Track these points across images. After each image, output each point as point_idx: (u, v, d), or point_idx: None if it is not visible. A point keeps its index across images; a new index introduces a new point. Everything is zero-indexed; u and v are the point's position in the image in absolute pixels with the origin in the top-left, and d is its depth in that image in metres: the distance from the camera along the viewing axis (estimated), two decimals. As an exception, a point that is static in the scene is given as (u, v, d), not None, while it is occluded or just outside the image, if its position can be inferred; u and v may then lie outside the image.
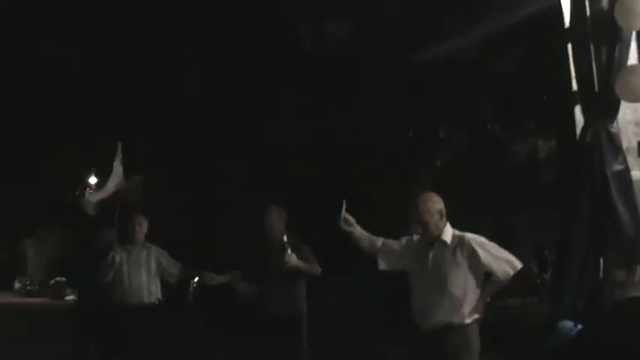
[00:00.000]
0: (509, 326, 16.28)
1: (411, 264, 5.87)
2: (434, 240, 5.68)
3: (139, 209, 8.89)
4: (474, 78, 18.02)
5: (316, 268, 7.78)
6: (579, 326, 9.68)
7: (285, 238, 7.66)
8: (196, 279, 30.06)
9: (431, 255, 5.66)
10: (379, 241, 6.00)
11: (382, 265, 6.00)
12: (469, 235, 5.66)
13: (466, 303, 5.57)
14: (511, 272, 5.62)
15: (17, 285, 59.01)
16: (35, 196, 31.55)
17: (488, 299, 5.76)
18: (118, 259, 8.38)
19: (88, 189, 35.06)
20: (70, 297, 47.72)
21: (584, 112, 6.19)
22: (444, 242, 5.64)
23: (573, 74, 6.28)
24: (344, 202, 5.86)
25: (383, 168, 19.68)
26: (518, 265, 5.65)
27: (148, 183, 9.85)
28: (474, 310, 5.62)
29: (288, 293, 7.79)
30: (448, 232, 5.67)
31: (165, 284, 8.74)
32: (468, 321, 5.58)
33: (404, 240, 6.01)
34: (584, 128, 6.18)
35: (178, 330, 12.30)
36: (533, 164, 18.38)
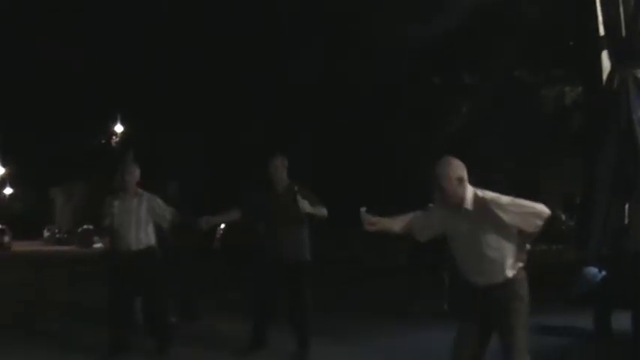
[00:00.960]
0: (536, 272, 16.39)
1: (444, 230, 5.80)
2: (456, 206, 5.56)
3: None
4: (500, 24, 17.84)
5: (323, 211, 8.21)
6: (603, 272, 9.76)
7: (296, 188, 8.09)
8: (222, 226, 30.44)
9: (458, 223, 5.61)
10: (409, 218, 5.95)
11: (421, 238, 5.96)
12: (489, 198, 5.52)
13: (505, 261, 5.57)
14: (539, 223, 5.55)
15: (46, 234, 59.76)
16: (62, 144, 31.79)
17: (528, 247, 5.74)
18: (115, 206, 8.56)
19: (114, 137, 35.41)
20: (97, 244, 48.45)
21: (610, 57, 6.15)
22: (467, 210, 5.52)
23: (600, 20, 6.23)
24: (362, 209, 5.79)
25: (409, 119, 19.64)
26: (546, 213, 5.56)
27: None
28: (515, 263, 5.62)
29: (293, 240, 8.23)
30: (469, 198, 5.54)
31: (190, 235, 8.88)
32: (510, 275, 5.59)
33: (432, 208, 5.99)
34: (610, 74, 6.14)
35: (207, 278, 12.41)
36: (560, 111, 18.25)
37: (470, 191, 5.53)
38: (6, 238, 48.82)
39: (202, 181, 25.84)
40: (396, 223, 5.93)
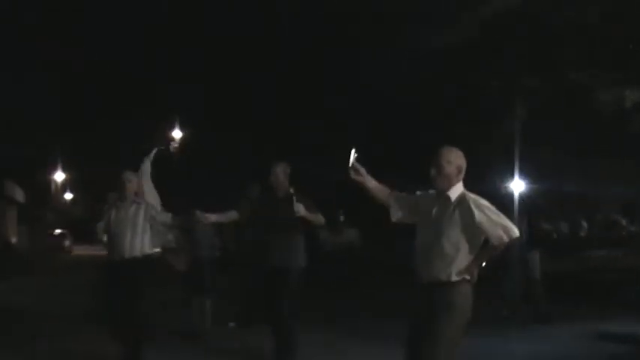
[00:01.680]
0: (595, 278, 16.17)
1: (418, 216, 5.89)
2: (440, 195, 5.71)
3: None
4: (557, 27, 17.66)
5: (320, 218, 8.43)
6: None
7: (291, 190, 8.29)
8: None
9: (435, 209, 5.71)
10: (391, 193, 6.04)
11: (394, 216, 6.03)
12: (471, 197, 5.65)
13: (456, 261, 5.57)
14: (505, 238, 5.61)
15: (105, 238, 60.41)
16: (117, 149, 32.14)
17: (482, 264, 5.71)
18: (112, 214, 8.67)
19: (172, 142, 35.75)
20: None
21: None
22: (448, 198, 5.66)
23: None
24: (353, 150, 5.85)
25: (467, 120, 19.51)
26: (514, 233, 5.65)
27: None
28: (465, 270, 5.60)
29: (287, 246, 8.34)
30: (456, 191, 5.68)
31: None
32: (455, 279, 5.58)
33: (418, 193, 6.03)
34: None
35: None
36: (619, 114, 17.99)
37: (459, 186, 5.69)
38: (67, 242, 49.65)
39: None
40: (377, 188, 6.02)
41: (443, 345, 5.52)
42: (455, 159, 5.70)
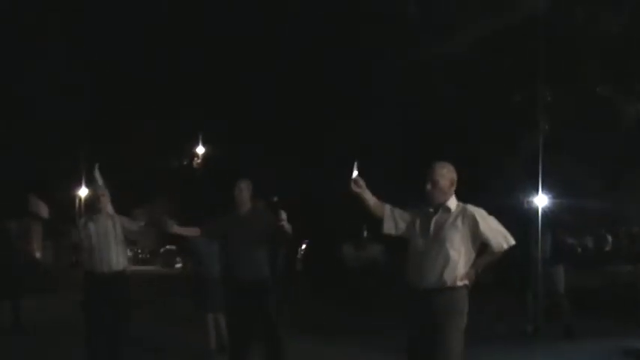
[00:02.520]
0: (620, 292, 16.05)
1: (413, 231, 6.23)
2: (438, 207, 6.08)
3: None
4: (580, 38, 17.60)
5: (290, 229, 8.42)
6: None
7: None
8: (303, 247, 30.55)
9: (434, 219, 6.07)
10: (387, 207, 6.35)
11: (387, 229, 6.37)
12: (472, 207, 6.06)
13: (460, 265, 5.94)
14: (505, 246, 6.01)
15: (129, 253, 60.81)
16: (143, 165, 32.28)
17: (479, 270, 6.08)
18: (91, 227, 8.72)
19: (195, 159, 35.90)
20: (179, 265, 49.02)
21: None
22: (448, 208, 6.07)
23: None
24: (355, 163, 6.16)
25: (489, 133, 19.42)
26: (512, 241, 6.03)
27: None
28: (465, 275, 5.97)
29: (254, 258, 8.49)
30: (453, 202, 6.09)
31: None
32: (459, 284, 5.95)
33: (411, 209, 6.36)
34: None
35: (288, 298, 12.52)
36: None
37: (454, 198, 6.11)
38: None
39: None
40: (374, 201, 6.32)
41: (455, 352, 5.86)
42: (447, 173, 6.10)
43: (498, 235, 6.01)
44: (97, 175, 9.32)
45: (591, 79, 17.87)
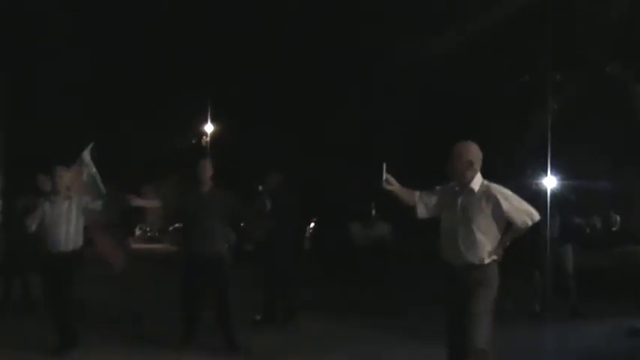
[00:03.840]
0: (629, 272, 16.06)
1: (443, 209, 6.50)
2: (463, 187, 6.30)
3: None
4: (589, 18, 17.53)
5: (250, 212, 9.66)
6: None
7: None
8: (312, 225, 30.58)
9: (459, 200, 6.30)
10: (417, 193, 6.60)
11: (420, 214, 6.60)
12: (495, 186, 6.26)
13: (487, 245, 6.20)
14: (529, 222, 6.27)
15: (137, 232, 61.00)
16: (153, 144, 32.32)
17: (507, 244, 6.34)
18: (47, 208, 8.92)
19: (204, 137, 35.94)
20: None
21: None
22: (472, 189, 6.26)
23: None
24: (384, 165, 6.38)
25: (496, 115, 19.43)
26: (537, 217, 6.33)
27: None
28: (494, 252, 6.24)
29: (211, 234, 9.15)
30: (477, 182, 6.27)
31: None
32: (487, 261, 6.21)
33: (438, 188, 6.62)
34: None
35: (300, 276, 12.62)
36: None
37: (479, 177, 6.28)
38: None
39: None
40: (406, 193, 6.60)
41: (483, 318, 6.14)
42: (464, 153, 6.29)
43: (522, 213, 6.23)
44: (87, 154, 9.49)
45: (601, 59, 17.82)
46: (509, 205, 6.17)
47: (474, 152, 6.30)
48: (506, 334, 10.50)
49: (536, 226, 12.28)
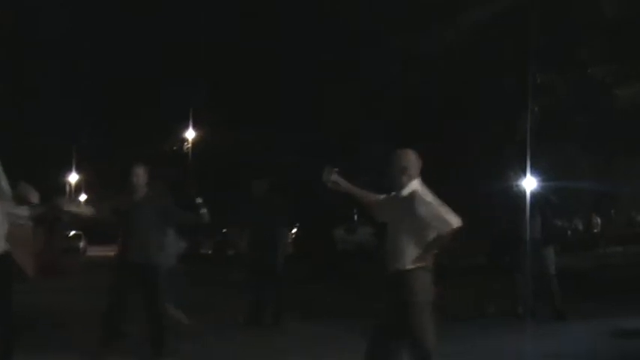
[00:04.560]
0: (611, 273, 16.10)
1: (384, 213, 6.66)
2: (397, 193, 6.45)
3: None
4: (574, 20, 17.54)
5: (191, 219, 9.35)
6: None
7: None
8: (294, 231, 30.51)
9: (392, 207, 6.48)
10: (371, 195, 6.78)
11: (376, 217, 6.80)
12: (419, 193, 6.32)
13: (412, 251, 6.25)
14: (448, 229, 6.25)
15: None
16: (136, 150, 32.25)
17: (433, 252, 6.36)
18: None
19: (185, 143, 35.93)
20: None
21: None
22: (401, 196, 6.39)
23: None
24: (326, 169, 6.60)
25: (479, 118, 19.43)
26: (456, 224, 6.27)
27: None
28: (419, 258, 6.25)
29: (146, 241, 8.99)
30: (409, 188, 6.36)
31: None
32: (411, 267, 6.24)
33: (383, 196, 6.76)
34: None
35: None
36: (637, 110, 17.84)
37: (413, 183, 6.37)
38: (81, 244, 49.65)
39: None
40: (363, 194, 6.78)
41: (422, 327, 6.20)
42: (397, 161, 6.42)
43: (438, 220, 6.25)
44: None
45: (585, 61, 17.84)
46: (428, 211, 6.23)
47: (408, 159, 6.41)
48: (490, 338, 10.47)
49: (517, 228, 12.35)
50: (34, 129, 25.59)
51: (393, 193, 6.50)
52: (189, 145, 34.04)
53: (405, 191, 6.33)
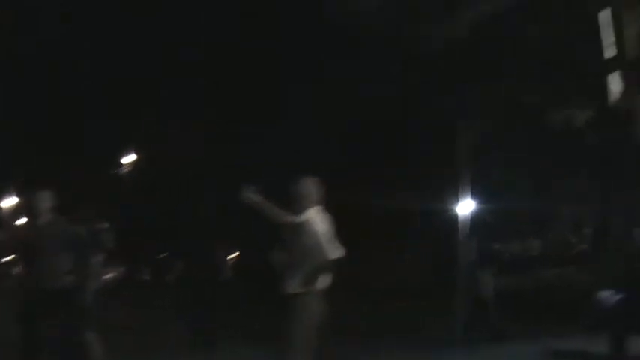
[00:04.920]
0: (548, 295, 16.26)
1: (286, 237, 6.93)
2: (296, 218, 6.75)
3: None
4: (509, 47, 17.77)
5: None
6: (619, 295, 9.65)
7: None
8: (235, 255, 30.37)
9: (290, 230, 6.81)
10: (281, 215, 6.84)
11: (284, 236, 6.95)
12: (311, 220, 6.70)
13: (295, 276, 6.67)
14: (328, 257, 6.62)
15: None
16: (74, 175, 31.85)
17: (314, 278, 6.68)
18: None
19: (124, 167, 35.61)
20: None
21: (621, 79, 6.15)
22: (295, 221, 6.70)
23: (609, 42, 6.23)
24: (245, 186, 6.81)
25: (419, 142, 19.57)
26: (334, 255, 6.66)
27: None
28: (302, 283, 6.66)
29: (52, 267, 8.60)
30: (305, 215, 6.73)
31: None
32: (297, 290, 6.66)
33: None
34: (621, 96, 6.13)
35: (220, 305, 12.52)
36: (570, 133, 18.12)
37: (310, 211, 6.75)
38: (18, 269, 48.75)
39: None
40: (275, 212, 6.80)
41: (294, 341, 6.63)
42: (299, 189, 6.84)
43: (319, 249, 6.64)
44: None
45: (518, 87, 18.06)
46: (311, 239, 6.63)
47: (307, 187, 6.83)
48: (428, 358, 10.50)
49: (453, 250, 12.45)
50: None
51: (294, 218, 6.75)
52: (129, 169, 33.69)
53: (302, 217, 6.69)
